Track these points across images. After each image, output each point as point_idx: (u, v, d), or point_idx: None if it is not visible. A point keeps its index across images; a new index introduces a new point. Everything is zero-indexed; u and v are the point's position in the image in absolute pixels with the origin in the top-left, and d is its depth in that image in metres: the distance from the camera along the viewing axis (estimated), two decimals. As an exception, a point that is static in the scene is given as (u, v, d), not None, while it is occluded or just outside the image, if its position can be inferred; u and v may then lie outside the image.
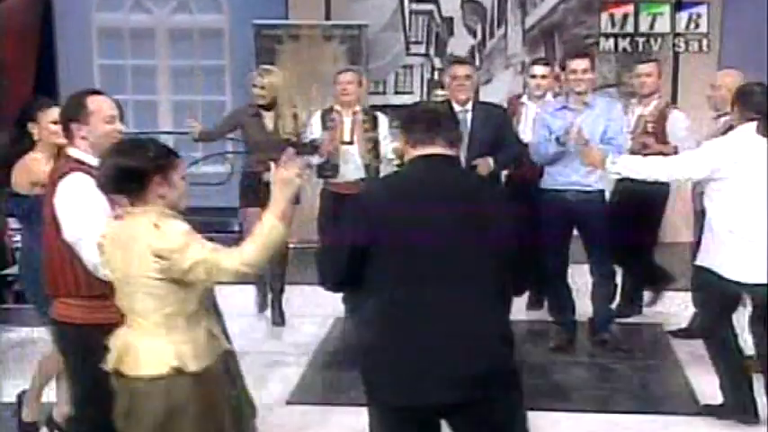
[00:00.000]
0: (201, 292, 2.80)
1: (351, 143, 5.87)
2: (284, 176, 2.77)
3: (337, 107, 5.95)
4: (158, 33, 9.03)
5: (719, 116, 5.27)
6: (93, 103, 3.20)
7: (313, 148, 5.76)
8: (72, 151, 3.20)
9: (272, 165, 2.78)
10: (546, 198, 5.30)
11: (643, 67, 5.85)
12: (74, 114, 3.19)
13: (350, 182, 5.76)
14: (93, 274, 3.03)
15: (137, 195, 2.74)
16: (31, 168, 3.81)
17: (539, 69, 6.03)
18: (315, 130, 5.89)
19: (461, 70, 5.57)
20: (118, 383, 2.79)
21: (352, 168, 5.84)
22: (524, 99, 6.08)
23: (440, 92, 6.16)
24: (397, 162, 6.00)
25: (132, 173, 2.71)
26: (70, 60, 8.77)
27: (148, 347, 2.74)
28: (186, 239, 2.68)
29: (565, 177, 5.27)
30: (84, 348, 3.07)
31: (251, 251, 2.71)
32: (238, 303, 5.64)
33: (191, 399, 2.73)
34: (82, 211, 3.03)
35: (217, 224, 7.13)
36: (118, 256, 2.76)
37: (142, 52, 9.02)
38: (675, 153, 5.24)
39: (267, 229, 2.73)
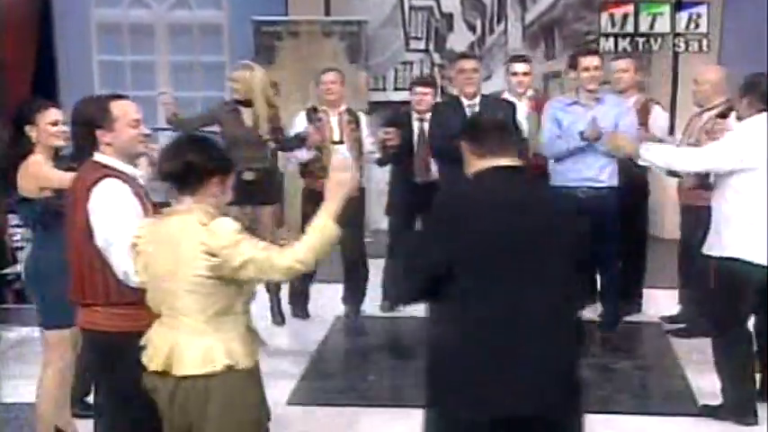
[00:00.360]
0: (249, 291, 2.81)
1: (341, 142, 5.82)
2: (340, 178, 2.81)
3: (322, 107, 5.90)
4: (158, 29, 9.00)
5: (702, 111, 5.29)
6: (117, 108, 3.15)
7: (300, 140, 5.70)
8: (99, 157, 3.15)
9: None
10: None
11: (619, 63, 5.89)
12: (98, 121, 3.14)
13: None
14: (124, 282, 3.00)
15: (192, 191, 2.75)
16: (37, 173, 3.74)
17: (520, 67, 5.99)
18: (299, 129, 5.79)
19: (468, 64, 5.60)
20: (164, 383, 2.76)
21: None
22: (506, 95, 6.04)
23: (419, 89, 6.05)
24: (377, 155, 5.99)
25: (198, 169, 2.74)
26: (69, 56, 8.73)
27: (197, 346, 2.72)
28: (237, 237, 2.68)
29: (576, 173, 5.22)
30: (111, 356, 3.06)
31: (304, 249, 2.73)
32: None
33: (243, 394, 2.75)
34: (116, 217, 3.01)
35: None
36: (159, 254, 2.75)
37: (141, 48, 8.99)
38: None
39: (320, 227, 2.76)
